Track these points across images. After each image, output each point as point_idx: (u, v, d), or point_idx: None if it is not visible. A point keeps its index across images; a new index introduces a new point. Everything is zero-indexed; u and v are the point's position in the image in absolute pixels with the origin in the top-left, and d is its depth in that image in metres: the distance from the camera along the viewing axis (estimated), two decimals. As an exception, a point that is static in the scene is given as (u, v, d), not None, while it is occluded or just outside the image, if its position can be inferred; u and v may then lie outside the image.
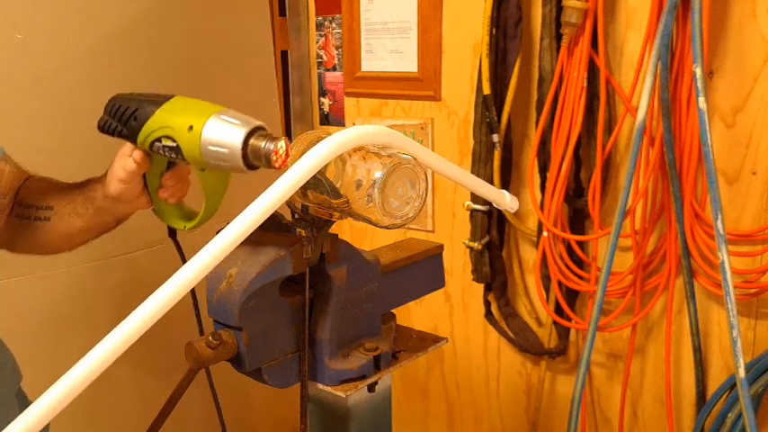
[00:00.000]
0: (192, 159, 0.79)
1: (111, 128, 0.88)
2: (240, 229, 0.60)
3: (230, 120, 0.75)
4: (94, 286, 1.46)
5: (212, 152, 0.75)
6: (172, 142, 0.79)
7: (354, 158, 0.77)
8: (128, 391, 1.55)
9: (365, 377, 0.87)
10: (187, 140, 0.77)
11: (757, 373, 1.33)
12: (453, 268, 1.80)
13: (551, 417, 1.76)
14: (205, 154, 0.76)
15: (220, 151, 0.74)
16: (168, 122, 0.80)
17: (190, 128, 0.77)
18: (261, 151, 0.72)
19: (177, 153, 0.80)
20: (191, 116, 0.78)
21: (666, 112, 1.32)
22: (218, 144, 0.75)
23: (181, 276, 0.57)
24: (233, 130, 0.74)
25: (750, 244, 1.38)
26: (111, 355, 0.54)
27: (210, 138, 0.75)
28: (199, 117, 0.77)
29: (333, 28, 1.92)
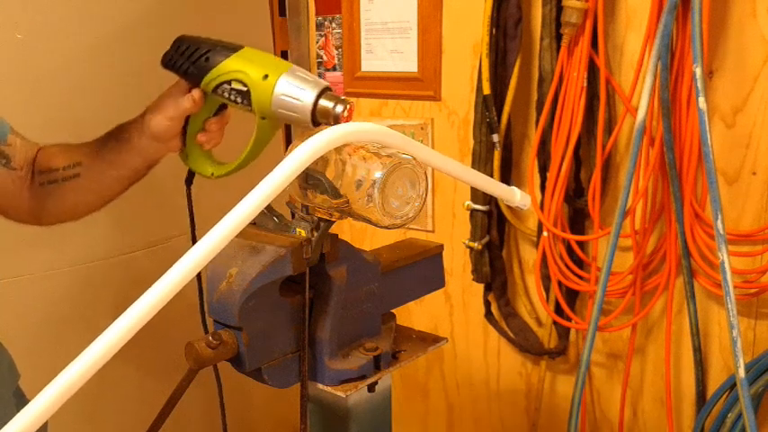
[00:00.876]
0: (259, 106, 0.84)
1: (178, 65, 0.91)
2: (235, 222, 0.61)
3: (304, 76, 0.82)
4: (94, 286, 1.46)
5: (283, 103, 0.82)
6: (242, 86, 0.84)
7: (354, 158, 0.77)
8: (128, 390, 1.55)
9: (365, 377, 0.87)
10: (260, 88, 0.83)
11: (757, 373, 1.33)
12: (453, 268, 1.80)
13: (551, 417, 1.76)
14: (275, 104, 0.82)
15: (292, 103, 0.81)
16: (243, 68, 0.85)
17: (265, 77, 0.83)
18: (330, 112, 0.80)
19: (244, 98, 0.85)
20: (266, 67, 0.84)
21: (666, 112, 1.32)
22: (291, 97, 0.81)
23: (175, 271, 0.57)
24: (306, 88, 0.81)
25: (750, 244, 1.38)
26: (107, 352, 0.53)
27: (284, 90, 0.82)
28: (274, 69, 0.83)
29: (333, 28, 1.92)
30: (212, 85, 0.88)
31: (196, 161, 0.97)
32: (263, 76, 0.83)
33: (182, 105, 0.91)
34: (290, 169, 0.64)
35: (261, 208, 0.62)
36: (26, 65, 1.33)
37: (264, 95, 0.83)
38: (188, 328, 0.99)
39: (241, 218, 0.61)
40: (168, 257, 0.76)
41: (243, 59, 0.86)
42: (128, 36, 1.47)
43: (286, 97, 0.81)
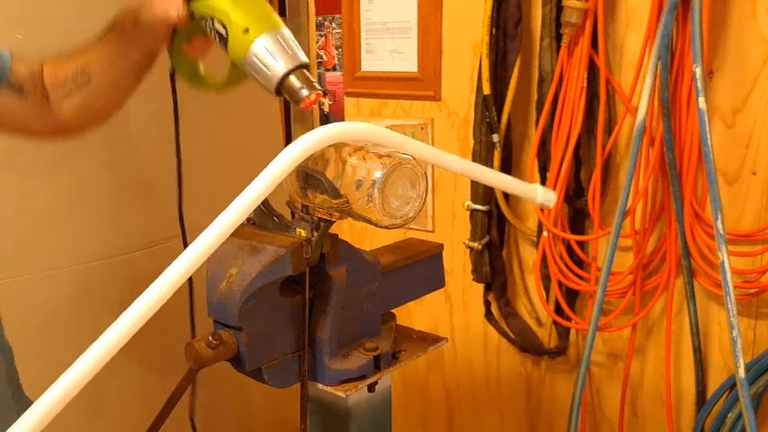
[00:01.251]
0: (232, 56, 0.81)
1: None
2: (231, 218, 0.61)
3: (283, 44, 0.78)
4: (94, 286, 1.46)
5: (253, 65, 0.79)
6: (222, 29, 0.81)
7: (354, 158, 0.77)
8: (130, 389, 1.55)
9: (365, 377, 0.87)
10: (238, 40, 0.80)
11: (757, 373, 1.33)
12: (453, 268, 1.80)
13: (551, 417, 1.76)
14: (246, 62, 0.79)
15: (261, 69, 0.78)
16: (229, 10, 0.80)
17: (246, 30, 0.79)
18: (295, 92, 0.77)
19: (222, 41, 0.82)
20: (251, 18, 0.79)
21: (666, 112, 1.32)
22: (261, 62, 0.78)
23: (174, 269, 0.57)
24: (280, 59, 0.78)
25: (750, 244, 1.38)
26: (108, 352, 0.53)
27: (258, 52, 0.78)
28: (258, 24, 0.79)
29: (333, 28, 1.92)
30: (198, 11, 0.84)
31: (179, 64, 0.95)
32: (244, 29, 0.79)
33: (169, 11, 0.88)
34: (283, 165, 0.63)
35: (257, 203, 0.62)
36: (26, 65, 1.33)
37: (239, 49, 0.79)
38: (187, 328, 0.99)
39: (237, 214, 0.61)
40: (168, 257, 0.76)
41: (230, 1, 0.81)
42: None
43: (257, 60, 0.78)
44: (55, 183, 1.39)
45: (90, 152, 1.40)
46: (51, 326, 1.43)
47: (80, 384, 0.52)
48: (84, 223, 1.45)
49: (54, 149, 1.38)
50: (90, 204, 1.44)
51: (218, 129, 1.62)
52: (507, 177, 0.94)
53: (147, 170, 1.47)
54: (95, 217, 1.45)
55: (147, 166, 1.47)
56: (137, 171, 1.46)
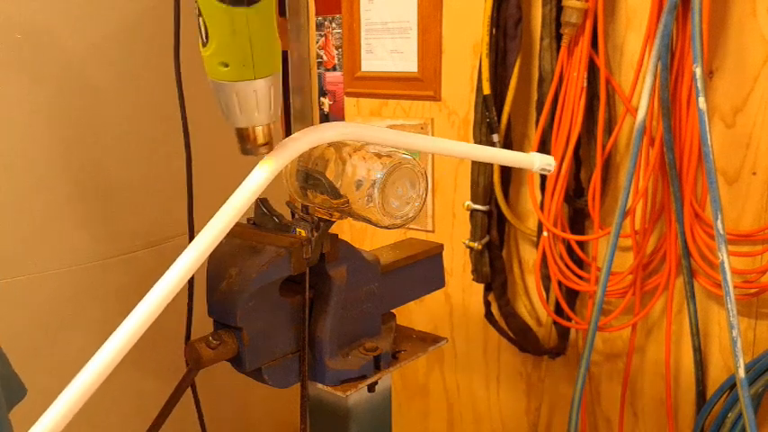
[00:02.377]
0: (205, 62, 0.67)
1: None
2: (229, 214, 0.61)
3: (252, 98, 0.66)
4: (94, 286, 1.46)
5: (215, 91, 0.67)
6: (204, 31, 0.64)
7: (354, 158, 0.77)
8: (127, 390, 1.55)
9: (365, 377, 0.87)
10: (210, 65, 0.66)
11: (757, 373, 1.33)
12: (453, 268, 1.80)
13: (551, 417, 1.76)
14: (211, 83, 0.67)
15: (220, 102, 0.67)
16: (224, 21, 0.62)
17: (225, 65, 0.64)
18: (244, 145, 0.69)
19: (201, 38, 0.66)
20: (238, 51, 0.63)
21: (666, 112, 1.32)
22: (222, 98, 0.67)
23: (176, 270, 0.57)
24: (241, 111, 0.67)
25: (750, 244, 1.38)
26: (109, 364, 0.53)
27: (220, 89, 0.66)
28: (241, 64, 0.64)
29: (333, 28, 1.92)
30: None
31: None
32: (222, 62, 0.64)
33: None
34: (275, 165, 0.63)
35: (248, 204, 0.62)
36: (26, 65, 1.33)
37: (209, 70, 0.66)
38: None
39: (233, 212, 0.61)
40: (168, 257, 0.76)
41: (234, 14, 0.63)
42: (128, 36, 1.47)
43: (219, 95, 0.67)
44: (54, 183, 1.39)
45: (89, 152, 1.40)
46: (50, 326, 1.43)
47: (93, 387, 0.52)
48: (83, 224, 1.44)
49: (52, 146, 1.38)
50: (89, 205, 1.44)
51: (218, 128, 1.62)
52: (502, 151, 0.91)
53: (146, 170, 1.47)
54: (95, 217, 1.45)
55: (146, 166, 1.47)
56: (136, 171, 1.46)
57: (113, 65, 1.46)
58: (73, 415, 0.51)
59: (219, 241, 0.61)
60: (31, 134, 1.36)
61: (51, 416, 0.51)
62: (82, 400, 0.52)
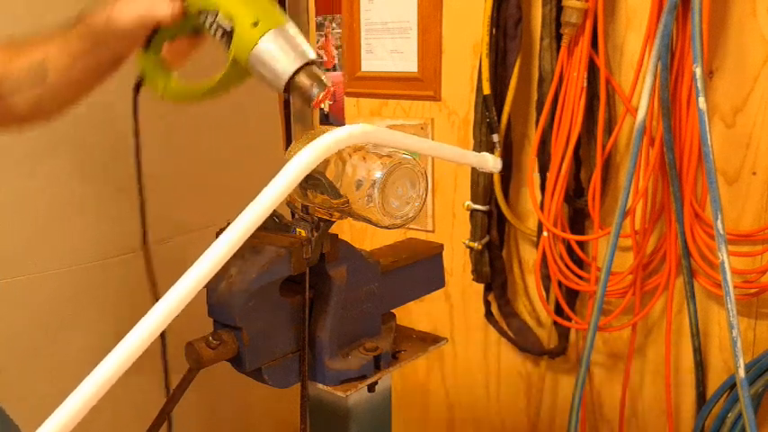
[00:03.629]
0: (237, 51, 0.75)
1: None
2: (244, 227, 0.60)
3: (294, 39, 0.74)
4: (94, 286, 1.46)
5: (262, 60, 0.73)
6: (227, 24, 0.75)
7: (354, 158, 0.77)
8: (127, 390, 1.55)
9: (365, 377, 0.87)
10: (246, 34, 0.74)
11: (757, 373, 1.33)
12: (453, 268, 1.80)
13: (551, 417, 1.76)
14: (253, 57, 0.74)
15: (269, 65, 0.73)
16: (236, 1, 0.75)
17: (255, 23, 0.73)
18: (305, 91, 0.73)
19: (225, 36, 0.76)
20: (260, 12, 0.74)
21: (666, 112, 1.32)
22: (270, 58, 0.73)
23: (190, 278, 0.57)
24: (291, 54, 0.73)
25: (750, 244, 1.38)
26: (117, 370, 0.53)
27: (267, 47, 0.73)
28: (268, 18, 0.73)
29: (333, 28, 1.92)
30: (197, 5, 0.78)
31: (152, 72, 0.86)
32: (253, 21, 0.73)
33: (156, 9, 0.79)
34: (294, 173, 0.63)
35: (266, 215, 0.61)
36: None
37: (247, 43, 0.73)
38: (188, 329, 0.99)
39: (250, 222, 0.61)
40: (168, 257, 0.76)
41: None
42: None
43: (267, 55, 0.73)
44: (54, 184, 1.39)
45: (88, 153, 1.40)
46: (50, 326, 1.43)
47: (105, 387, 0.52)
48: (83, 224, 1.44)
49: (51, 145, 1.38)
50: (89, 205, 1.44)
51: (218, 128, 1.62)
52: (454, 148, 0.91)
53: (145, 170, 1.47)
54: (94, 218, 1.45)
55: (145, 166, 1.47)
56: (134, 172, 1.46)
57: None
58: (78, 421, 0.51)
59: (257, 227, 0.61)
60: (31, 136, 1.36)
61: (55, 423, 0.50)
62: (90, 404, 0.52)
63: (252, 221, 0.60)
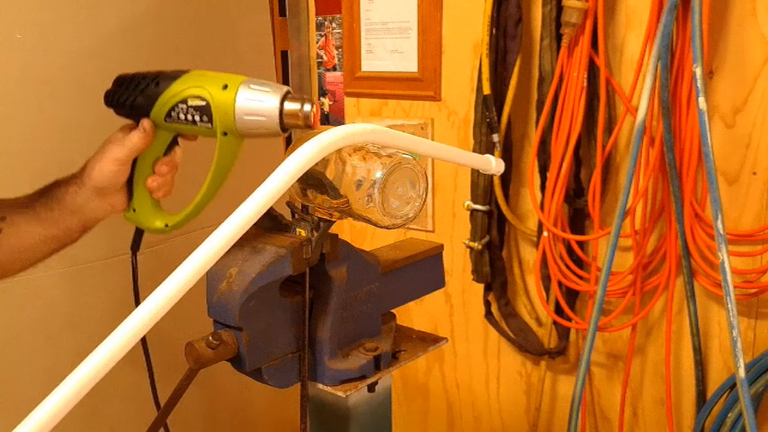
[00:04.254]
0: (221, 119, 0.79)
1: (123, 98, 0.85)
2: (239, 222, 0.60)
3: (264, 82, 0.78)
4: (94, 286, 1.46)
5: (248, 109, 0.77)
6: (201, 101, 0.79)
7: (354, 158, 0.77)
8: (127, 391, 1.55)
9: (365, 377, 0.87)
10: (221, 98, 0.78)
11: (757, 373, 1.33)
12: (453, 268, 1.80)
13: (551, 417, 1.76)
14: (239, 111, 0.77)
15: (258, 107, 0.76)
16: (199, 83, 0.80)
17: (224, 86, 0.78)
18: (298, 113, 0.76)
19: (204, 113, 0.80)
20: (223, 79, 0.79)
21: (666, 112, 1.32)
22: (255, 100, 0.77)
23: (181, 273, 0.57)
24: (268, 90, 0.77)
25: (750, 244, 1.38)
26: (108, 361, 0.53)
27: (247, 96, 0.77)
28: (232, 80, 0.79)
29: (333, 28, 1.92)
30: (165, 109, 0.82)
31: (146, 215, 0.90)
32: (221, 86, 0.78)
33: (130, 141, 0.82)
34: (293, 169, 0.63)
35: (263, 211, 0.62)
36: (25, 64, 1.33)
37: (226, 105, 0.78)
38: (188, 329, 0.99)
39: (244, 220, 0.61)
40: (168, 257, 0.75)
41: (197, 77, 0.82)
42: (128, 36, 1.47)
43: (250, 102, 0.77)
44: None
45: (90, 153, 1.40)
46: (50, 326, 1.43)
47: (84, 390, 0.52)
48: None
49: (51, 145, 1.38)
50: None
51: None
52: (457, 150, 0.92)
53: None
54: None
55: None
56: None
57: (112, 66, 1.45)
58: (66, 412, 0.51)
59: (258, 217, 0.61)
60: (30, 133, 1.36)
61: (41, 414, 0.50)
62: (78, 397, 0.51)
63: (252, 214, 0.60)
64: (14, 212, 0.87)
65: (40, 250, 0.89)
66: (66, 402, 0.51)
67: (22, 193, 1.32)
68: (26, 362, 1.39)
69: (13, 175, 1.34)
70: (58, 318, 1.43)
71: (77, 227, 0.89)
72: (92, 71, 1.42)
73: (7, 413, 1.31)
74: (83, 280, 1.45)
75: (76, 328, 1.44)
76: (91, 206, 0.87)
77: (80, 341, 1.37)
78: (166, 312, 0.58)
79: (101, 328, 0.57)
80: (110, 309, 1.45)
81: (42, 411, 0.51)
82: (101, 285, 1.47)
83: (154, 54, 1.52)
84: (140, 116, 0.85)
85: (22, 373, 1.38)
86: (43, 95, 1.36)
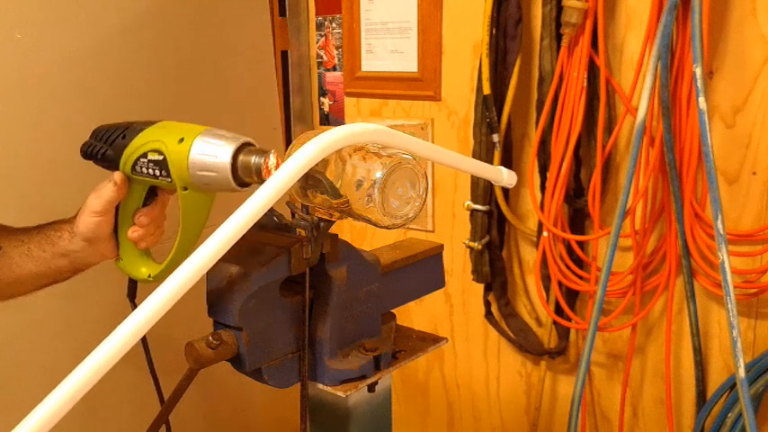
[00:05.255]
0: (177, 173, 0.77)
1: (96, 150, 0.86)
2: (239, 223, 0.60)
3: (222, 134, 0.75)
4: (93, 287, 1.46)
5: (200, 163, 0.74)
6: (158, 155, 0.78)
7: (355, 158, 0.77)
8: (127, 391, 1.55)
9: (365, 377, 0.87)
10: (176, 152, 0.76)
11: (757, 373, 1.33)
12: (453, 268, 1.80)
13: (551, 417, 1.76)
14: (192, 166, 0.75)
15: (209, 162, 0.74)
16: (158, 136, 0.79)
17: (180, 140, 0.76)
18: (251, 166, 0.72)
19: (162, 168, 0.78)
20: (182, 132, 0.77)
21: (666, 112, 1.32)
22: (207, 155, 0.74)
23: (182, 273, 0.57)
24: (223, 144, 0.74)
25: (750, 244, 1.38)
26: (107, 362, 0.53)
27: (200, 150, 0.75)
28: (190, 132, 0.77)
29: (333, 28, 1.92)
30: (131, 161, 0.82)
31: (132, 264, 0.90)
32: (178, 139, 0.76)
33: (104, 194, 0.83)
34: (294, 169, 0.63)
35: (263, 212, 0.62)
36: (25, 64, 1.33)
37: (180, 159, 0.76)
38: (188, 329, 0.99)
39: (246, 219, 0.61)
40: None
41: (158, 129, 0.81)
42: (128, 36, 1.48)
43: (203, 156, 0.74)
44: (54, 183, 1.39)
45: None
46: (50, 326, 1.43)
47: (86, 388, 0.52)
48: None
49: (51, 145, 1.38)
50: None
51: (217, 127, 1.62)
52: (471, 160, 0.92)
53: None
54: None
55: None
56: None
57: (112, 66, 1.46)
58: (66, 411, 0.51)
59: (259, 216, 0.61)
60: (32, 133, 1.36)
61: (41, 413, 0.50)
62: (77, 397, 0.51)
63: (253, 214, 0.60)
64: (10, 245, 0.89)
65: (30, 284, 0.91)
66: (66, 402, 0.51)
67: (23, 192, 1.32)
68: (26, 362, 1.39)
69: (14, 175, 1.34)
70: (57, 318, 1.43)
71: (68, 269, 0.91)
72: (92, 71, 1.42)
73: (7, 413, 1.31)
74: (81, 281, 1.44)
75: (75, 328, 1.44)
76: (82, 253, 0.89)
77: (79, 342, 1.37)
78: (166, 312, 0.58)
79: (99, 330, 0.57)
80: (108, 310, 1.45)
81: (43, 410, 0.51)
82: (99, 287, 1.47)
83: (154, 54, 1.52)
84: (114, 168, 0.85)
85: (22, 373, 1.38)
86: (43, 95, 1.36)
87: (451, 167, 0.97)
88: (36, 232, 0.90)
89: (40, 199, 1.37)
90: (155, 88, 1.50)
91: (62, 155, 1.39)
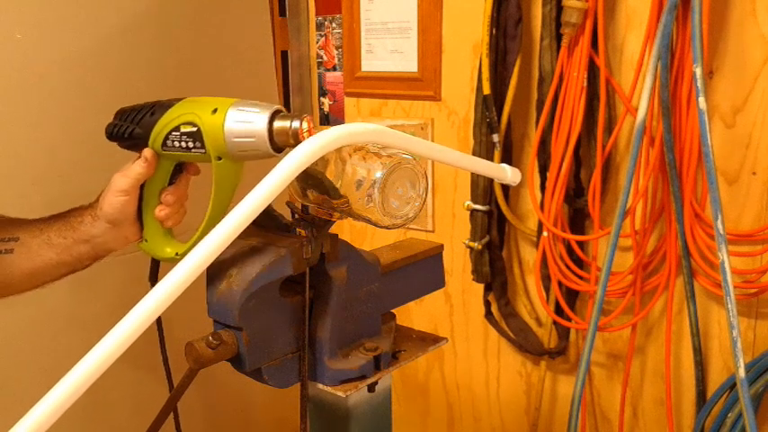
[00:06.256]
0: (212, 143, 0.79)
1: (122, 131, 0.87)
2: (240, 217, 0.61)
3: (253, 103, 0.78)
4: (94, 286, 1.46)
5: (237, 131, 0.77)
6: (192, 127, 0.80)
7: (355, 158, 0.77)
8: (127, 391, 1.55)
9: (365, 377, 0.87)
10: (211, 122, 0.78)
11: (757, 373, 1.33)
12: (453, 268, 1.80)
13: (551, 417, 1.76)
14: (228, 134, 0.77)
15: (247, 128, 0.76)
16: (190, 109, 0.81)
17: (214, 110, 0.78)
18: (288, 130, 0.75)
19: (196, 139, 0.80)
20: (214, 103, 0.80)
21: (666, 112, 1.32)
22: (244, 122, 0.76)
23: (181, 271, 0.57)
24: (258, 110, 0.76)
25: (750, 244, 1.38)
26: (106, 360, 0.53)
27: (236, 118, 0.77)
28: (222, 103, 0.79)
29: (333, 28, 1.92)
30: (161, 137, 0.83)
31: (157, 244, 0.91)
32: (211, 110, 0.79)
33: (133, 171, 0.84)
34: (290, 168, 0.63)
35: (261, 208, 0.62)
36: (25, 64, 1.33)
37: (216, 128, 0.78)
38: (188, 328, 0.99)
39: (242, 218, 0.61)
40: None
41: (188, 103, 0.82)
42: (128, 36, 1.48)
43: (239, 124, 0.77)
44: (54, 182, 1.39)
45: (90, 152, 1.40)
46: (50, 326, 1.43)
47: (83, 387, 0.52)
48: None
49: (51, 145, 1.38)
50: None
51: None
52: (474, 158, 0.93)
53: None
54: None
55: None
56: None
57: (112, 66, 1.46)
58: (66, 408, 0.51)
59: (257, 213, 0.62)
60: (32, 133, 1.36)
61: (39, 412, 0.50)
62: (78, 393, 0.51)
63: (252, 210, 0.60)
64: (28, 235, 0.89)
65: (49, 274, 0.91)
66: (67, 398, 0.51)
67: (23, 192, 1.32)
68: (26, 362, 1.39)
69: (14, 175, 1.34)
70: (57, 318, 1.43)
71: (89, 255, 0.91)
72: (92, 71, 1.42)
73: (7, 413, 1.31)
74: (83, 279, 1.45)
75: (76, 327, 1.44)
76: (105, 237, 0.89)
77: (80, 341, 1.37)
78: (165, 312, 0.58)
79: (101, 328, 0.57)
80: (110, 308, 1.45)
81: (43, 407, 0.51)
82: (101, 285, 1.47)
83: (154, 54, 1.52)
84: (141, 147, 0.86)
85: (22, 373, 1.38)
86: (43, 95, 1.36)
87: (455, 167, 0.97)
88: (54, 220, 0.90)
89: (40, 199, 1.37)
90: (155, 88, 1.50)
91: (62, 155, 1.39)
